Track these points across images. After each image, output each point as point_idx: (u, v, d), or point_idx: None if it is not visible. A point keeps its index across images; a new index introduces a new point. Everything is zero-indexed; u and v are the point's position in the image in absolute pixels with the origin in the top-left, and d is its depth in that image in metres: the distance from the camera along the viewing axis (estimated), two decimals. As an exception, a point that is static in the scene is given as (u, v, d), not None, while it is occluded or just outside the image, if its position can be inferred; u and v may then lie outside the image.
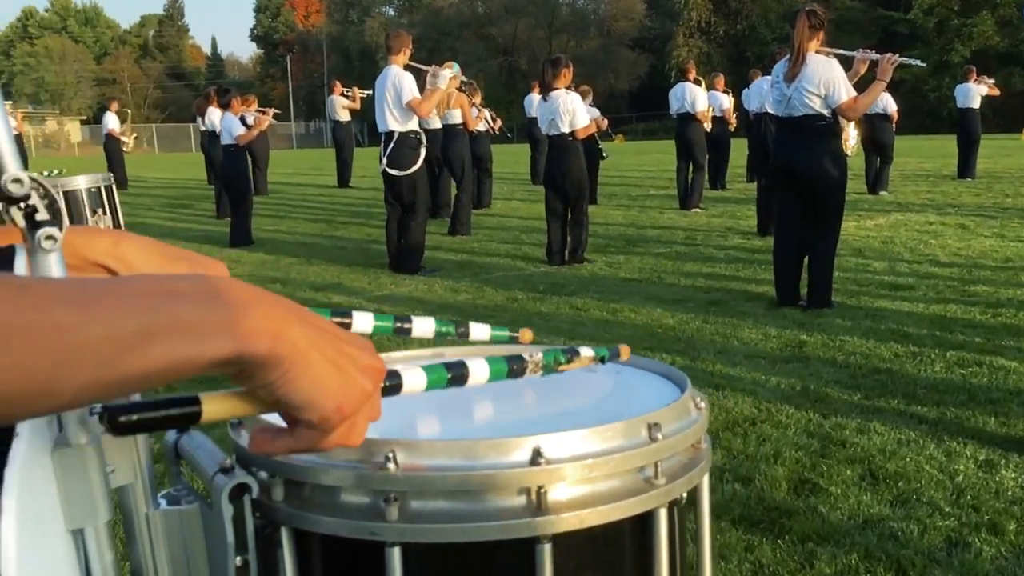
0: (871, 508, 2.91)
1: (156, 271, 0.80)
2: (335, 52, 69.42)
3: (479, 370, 0.79)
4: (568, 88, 7.68)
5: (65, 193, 5.88)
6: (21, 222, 0.58)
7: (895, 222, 9.92)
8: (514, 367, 0.83)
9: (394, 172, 7.26)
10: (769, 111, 7.47)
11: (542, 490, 0.78)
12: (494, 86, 60.05)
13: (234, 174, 9.15)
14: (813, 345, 4.89)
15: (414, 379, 0.74)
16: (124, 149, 19.13)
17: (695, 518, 0.99)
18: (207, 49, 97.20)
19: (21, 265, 0.68)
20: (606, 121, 14.00)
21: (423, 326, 1.00)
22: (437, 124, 10.74)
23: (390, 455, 0.76)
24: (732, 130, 13.81)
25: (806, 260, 5.73)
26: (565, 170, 7.61)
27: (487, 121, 12.33)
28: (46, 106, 67.27)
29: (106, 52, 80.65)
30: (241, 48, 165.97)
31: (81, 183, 6.13)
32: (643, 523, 0.85)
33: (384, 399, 0.66)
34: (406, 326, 0.99)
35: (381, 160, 7.33)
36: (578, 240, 7.84)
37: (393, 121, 7.21)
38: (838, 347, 4.83)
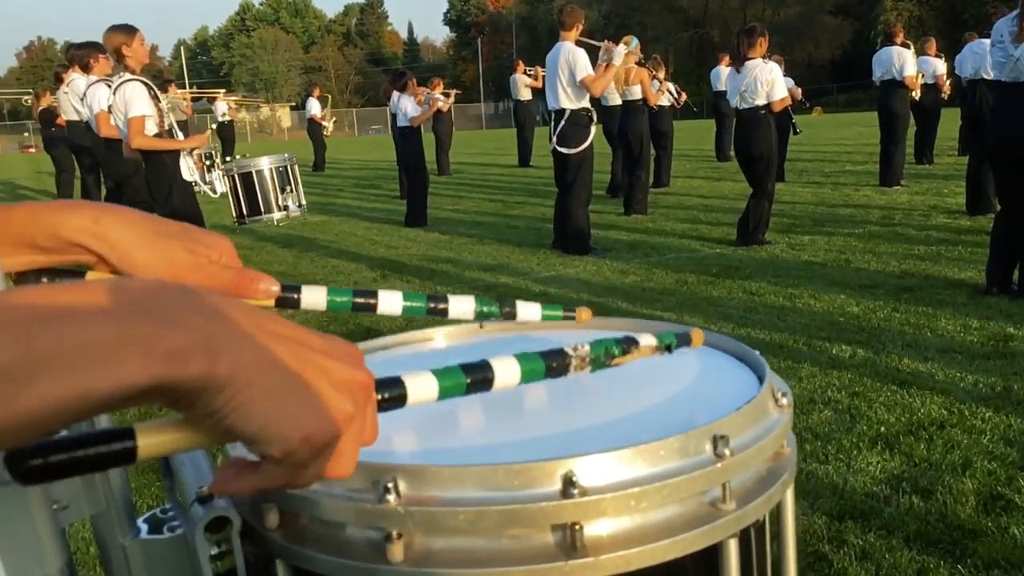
0: (1079, 536, 2.49)
1: (142, 250, 0.70)
2: (524, 32, 70.16)
3: (507, 371, 0.64)
4: (765, 58, 7.25)
5: (254, 172, 6.26)
6: None
7: None
8: (553, 364, 0.67)
9: (563, 150, 7.15)
10: (986, 76, 6.68)
11: (576, 527, 0.63)
12: (683, 59, 58.55)
13: (409, 155, 9.36)
14: (1021, 340, 4.32)
15: (422, 387, 0.60)
16: (324, 133, 20.23)
17: (778, 544, 0.80)
18: (404, 34, 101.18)
19: None
20: (799, 91, 13.23)
21: (461, 306, 0.86)
22: (617, 101, 10.53)
23: (390, 484, 0.63)
24: (945, 99, 12.59)
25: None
26: (752, 145, 7.20)
27: (670, 95, 11.94)
28: (260, 94, 72.60)
29: (313, 41, 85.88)
30: (435, 32, 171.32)
31: (265, 163, 6.47)
32: (708, 559, 0.68)
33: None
34: (441, 306, 0.85)
35: (551, 138, 7.24)
36: (757, 219, 7.40)
37: (565, 98, 7.08)
38: (1053, 343, 4.24)
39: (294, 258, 7.79)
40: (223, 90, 21.34)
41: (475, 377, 0.62)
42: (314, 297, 0.81)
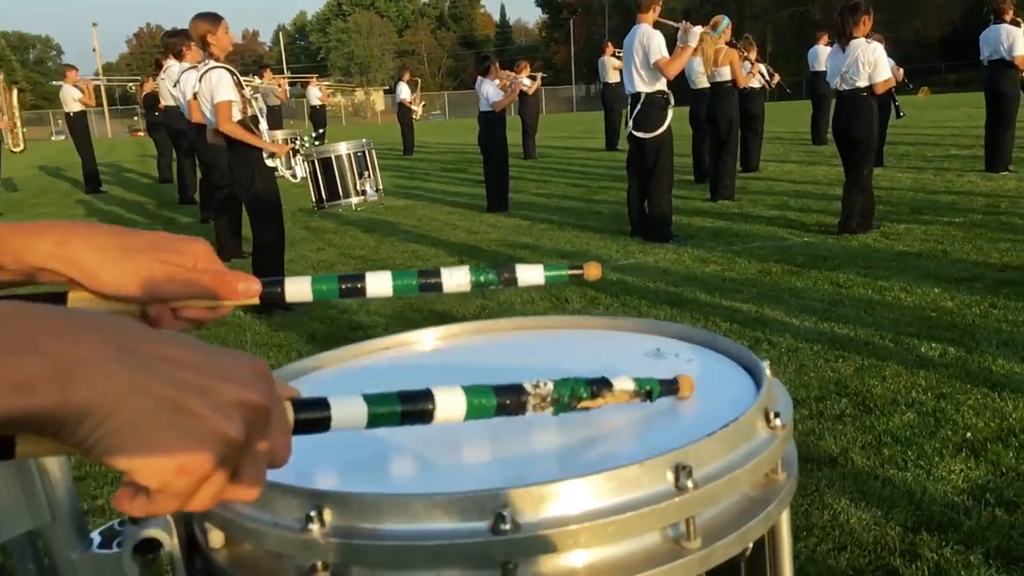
0: None
1: (109, 268, 0.69)
2: (617, 12, 69.18)
3: (451, 405, 0.59)
4: (868, 37, 6.93)
5: (332, 158, 6.35)
6: None
7: None
8: (506, 402, 0.61)
9: (639, 134, 7.01)
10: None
11: (511, 567, 0.57)
12: (783, 38, 56.78)
13: (489, 139, 9.33)
14: None
15: (349, 412, 0.56)
16: (414, 117, 20.43)
17: (771, 569, 0.72)
18: (496, 17, 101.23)
19: None
20: (901, 71, 12.62)
21: (456, 278, 0.80)
22: (704, 83, 10.27)
23: (313, 513, 0.58)
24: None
25: None
26: (853, 128, 6.90)
27: (762, 77, 11.57)
28: (355, 78, 73.91)
29: (407, 25, 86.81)
30: (528, 14, 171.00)
31: (343, 149, 6.55)
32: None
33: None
34: (433, 280, 0.79)
35: (627, 123, 7.10)
36: (851, 207, 7.10)
37: (640, 82, 6.93)
38: None
39: (375, 242, 7.88)
40: (316, 75, 21.73)
41: (412, 408, 0.57)
42: (298, 289, 0.78)
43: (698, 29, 6.90)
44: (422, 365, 1.00)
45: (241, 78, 5.55)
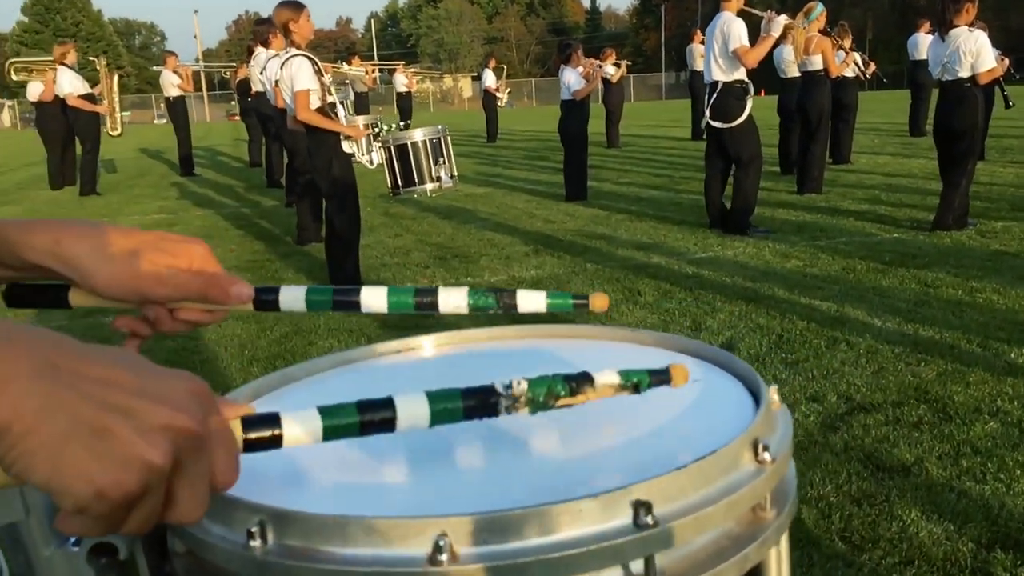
0: None
1: (103, 269, 0.69)
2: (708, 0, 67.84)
3: (413, 411, 0.56)
4: (971, 26, 6.60)
5: (408, 144, 6.40)
6: None
7: None
8: (472, 404, 0.58)
9: (717, 124, 6.83)
10: None
11: None
12: (883, 26, 54.67)
13: (569, 127, 9.24)
14: None
15: (302, 426, 0.54)
16: (499, 104, 20.46)
17: None
18: (587, 3, 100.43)
19: None
20: (1007, 61, 11.97)
21: (453, 299, 0.77)
22: (795, 72, 9.96)
23: (255, 529, 0.56)
24: None
25: None
26: (955, 120, 6.59)
27: (856, 66, 11.14)
28: (444, 65, 74.52)
29: (497, 12, 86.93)
30: (618, 0, 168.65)
31: (418, 135, 6.59)
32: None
33: None
34: (428, 300, 0.77)
35: (704, 112, 6.94)
36: (948, 203, 6.77)
37: (718, 70, 6.75)
38: None
39: (452, 229, 7.92)
40: (402, 62, 21.97)
41: (371, 417, 0.54)
42: (293, 297, 0.77)
43: (782, 19, 6.68)
44: (416, 372, 0.97)
45: (323, 65, 5.63)
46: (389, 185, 6.87)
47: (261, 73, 8.11)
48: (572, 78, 9.03)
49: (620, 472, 0.60)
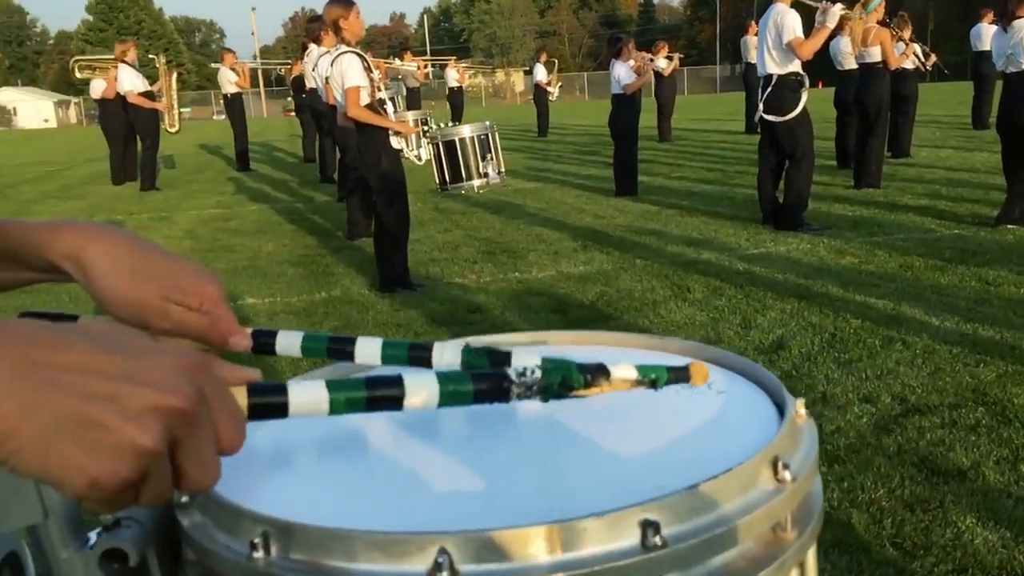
0: None
1: (116, 287, 0.69)
2: (766, -10, 66.76)
3: (422, 390, 0.55)
4: (1035, 16, 6.40)
5: (456, 140, 6.41)
6: None
7: None
8: (483, 387, 0.56)
9: (770, 117, 6.70)
10: None
11: None
12: (945, 16, 53.17)
13: (619, 122, 9.15)
14: None
15: (309, 397, 0.53)
16: (550, 98, 20.38)
17: None
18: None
19: None
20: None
21: (447, 357, 0.74)
22: (852, 64, 9.74)
23: (258, 540, 0.55)
24: None
25: None
26: (1018, 114, 6.39)
27: (916, 58, 10.85)
28: (496, 59, 74.57)
29: (549, 5, 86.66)
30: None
31: (466, 132, 6.59)
32: None
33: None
34: (423, 355, 0.75)
35: (758, 105, 6.82)
36: (1014, 198, 6.55)
37: (771, 63, 6.63)
38: None
39: (501, 224, 7.92)
40: (453, 57, 22.04)
41: (378, 393, 0.53)
42: (289, 343, 0.77)
43: (837, 8, 6.52)
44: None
45: (374, 61, 5.66)
46: (437, 181, 6.88)
47: (313, 70, 8.20)
48: (623, 72, 8.95)
49: (630, 489, 0.57)
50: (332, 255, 6.99)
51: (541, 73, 19.50)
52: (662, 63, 15.65)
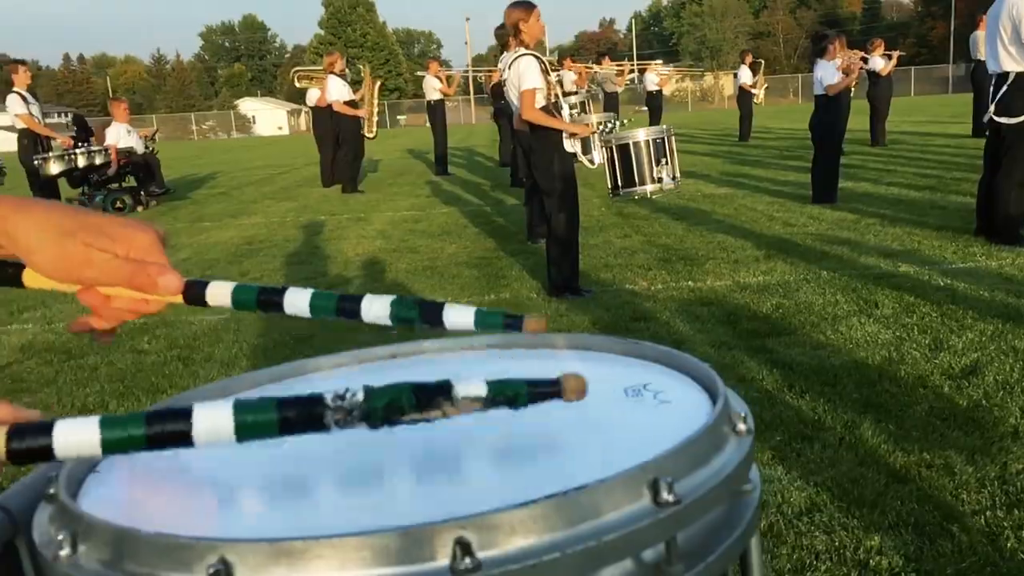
0: None
1: (42, 249, 0.70)
2: (1011, -20, 60.70)
3: (213, 423, 0.49)
4: None
5: (630, 144, 6.27)
6: None
7: None
8: (289, 415, 0.50)
9: (1002, 120, 6.01)
10: None
11: None
12: None
13: (820, 125, 8.57)
14: None
15: (75, 436, 0.49)
16: (755, 102, 19.62)
17: None
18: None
19: None
20: None
21: (375, 309, 0.71)
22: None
23: (215, 569, 0.49)
24: None
25: None
26: None
27: None
28: (706, 63, 72.96)
29: (764, 6, 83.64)
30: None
31: (640, 135, 6.42)
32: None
33: None
34: (350, 306, 0.72)
35: (988, 106, 6.14)
36: None
37: (1007, 59, 5.93)
38: None
39: (683, 231, 7.66)
40: (654, 61, 21.72)
41: (160, 429, 0.48)
42: (220, 293, 0.75)
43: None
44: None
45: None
46: (609, 185, 6.75)
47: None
48: (826, 72, 8.39)
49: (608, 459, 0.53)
50: (509, 257, 7.06)
51: (745, 75, 18.81)
52: (879, 62, 14.60)
